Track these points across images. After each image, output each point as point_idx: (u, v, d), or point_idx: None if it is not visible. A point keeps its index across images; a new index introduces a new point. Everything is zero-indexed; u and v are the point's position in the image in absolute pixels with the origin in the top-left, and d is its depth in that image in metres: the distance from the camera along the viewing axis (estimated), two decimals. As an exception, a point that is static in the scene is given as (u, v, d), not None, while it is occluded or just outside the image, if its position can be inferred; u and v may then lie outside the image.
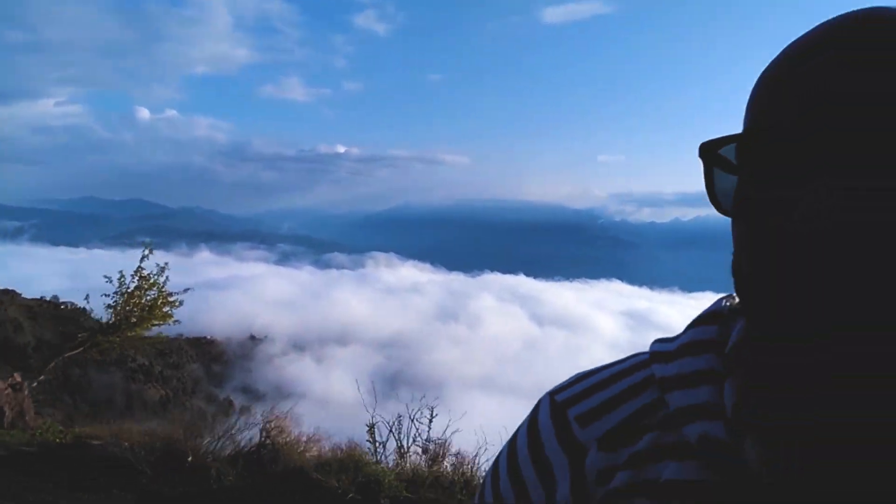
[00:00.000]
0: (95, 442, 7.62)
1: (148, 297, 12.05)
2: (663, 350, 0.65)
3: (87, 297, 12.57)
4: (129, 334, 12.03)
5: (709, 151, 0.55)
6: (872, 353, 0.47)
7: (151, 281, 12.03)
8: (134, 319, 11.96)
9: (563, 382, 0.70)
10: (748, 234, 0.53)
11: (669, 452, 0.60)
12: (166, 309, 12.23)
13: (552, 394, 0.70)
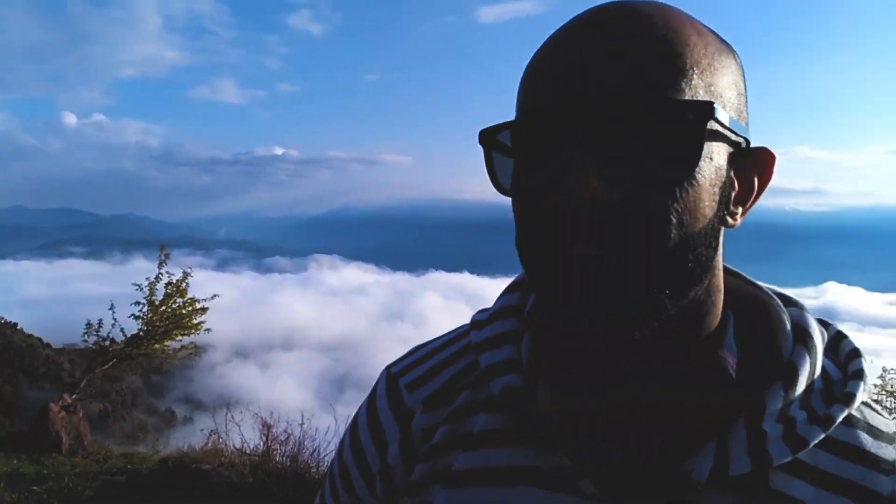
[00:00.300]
0: (206, 467, 7.14)
1: (175, 305, 10.94)
2: (479, 319, 0.73)
3: (111, 306, 10.86)
4: (158, 346, 10.94)
5: (487, 138, 0.59)
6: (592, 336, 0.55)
7: (181, 287, 10.92)
8: (163, 330, 10.84)
9: (401, 356, 0.78)
10: (518, 213, 0.59)
11: (481, 407, 0.67)
12: (198, 319, 11.07)
13: (389, 367, 0.77)
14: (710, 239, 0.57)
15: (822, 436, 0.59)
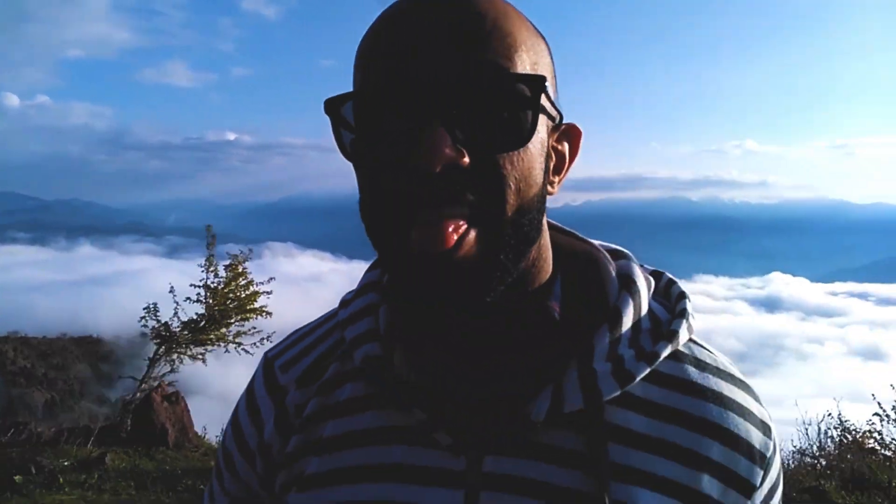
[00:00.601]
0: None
1: (234, 288, 10.52)
2: (346, 298, 0.77)
3: (171, 289, 10.33)
4: (220, 332, 10.50)
5: (332, 108, 0.61)
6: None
7: (240, 270, 10.47)
8: (226, 314, 10.41)
9: (278, 342, 0.83)
10: (363, 184, 0.61)
11: (348, 377, 0.71)
12: (260, 303, 10.64)
13: (266, 353, 0.81)
14: (539, 204, 0.61)
15: (648, 370, 0.64)
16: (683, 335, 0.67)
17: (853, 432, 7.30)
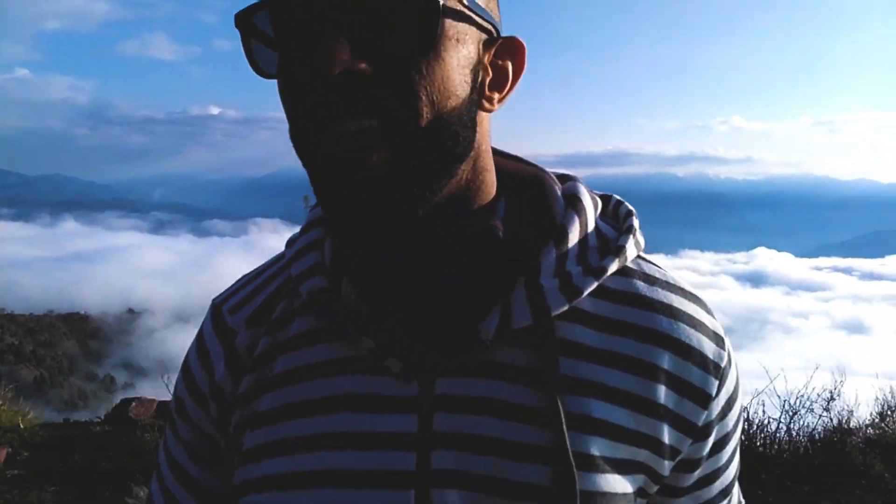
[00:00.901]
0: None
1: None
2: (292, 238, 0.76)
3: None
4: None
5: (243, 21, 0.60)
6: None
7: None
8: None
9: (225, 289, 0.81)
10: (282, 99, 0.60)
11: (296, 313, 0.71)
12: None
13: (214, 299, 0.80)
14: (466, 119, 0.60)
15: (596, 284, 0.64)
16: (631, 250, 0.67)
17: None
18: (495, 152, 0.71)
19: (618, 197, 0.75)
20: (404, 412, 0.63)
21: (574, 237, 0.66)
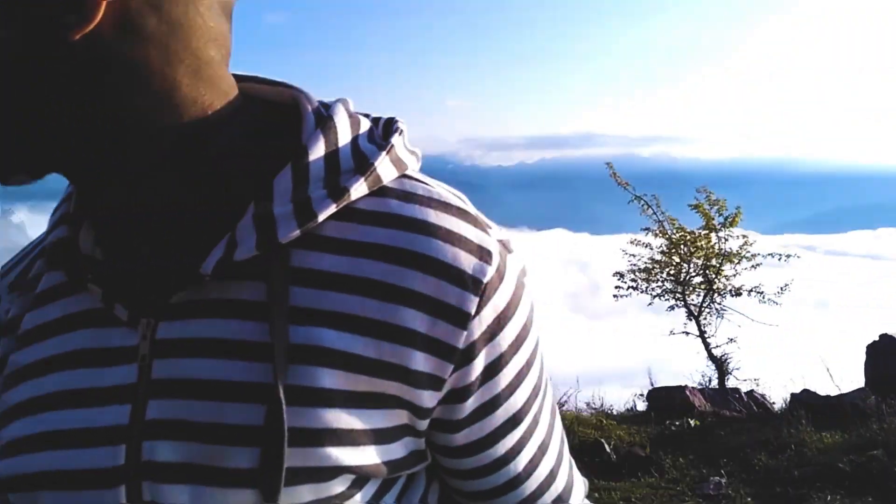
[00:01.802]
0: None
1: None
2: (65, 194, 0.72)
3: None
4: None
5: None
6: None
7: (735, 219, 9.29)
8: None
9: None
10: None
11: (44, 269, 0.68)
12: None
13: None
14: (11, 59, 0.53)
15: (334, 206, 0.59)
16: (386, 169, 0.62)
17: None
18: (253, 79, 0.67)
19: (400, 119, 0.68)
20: (126, 363, 0.59)
21: (316, 157, 0.60)
